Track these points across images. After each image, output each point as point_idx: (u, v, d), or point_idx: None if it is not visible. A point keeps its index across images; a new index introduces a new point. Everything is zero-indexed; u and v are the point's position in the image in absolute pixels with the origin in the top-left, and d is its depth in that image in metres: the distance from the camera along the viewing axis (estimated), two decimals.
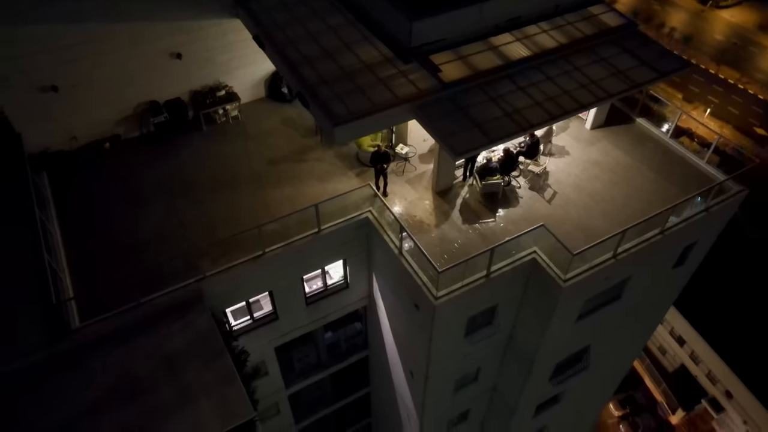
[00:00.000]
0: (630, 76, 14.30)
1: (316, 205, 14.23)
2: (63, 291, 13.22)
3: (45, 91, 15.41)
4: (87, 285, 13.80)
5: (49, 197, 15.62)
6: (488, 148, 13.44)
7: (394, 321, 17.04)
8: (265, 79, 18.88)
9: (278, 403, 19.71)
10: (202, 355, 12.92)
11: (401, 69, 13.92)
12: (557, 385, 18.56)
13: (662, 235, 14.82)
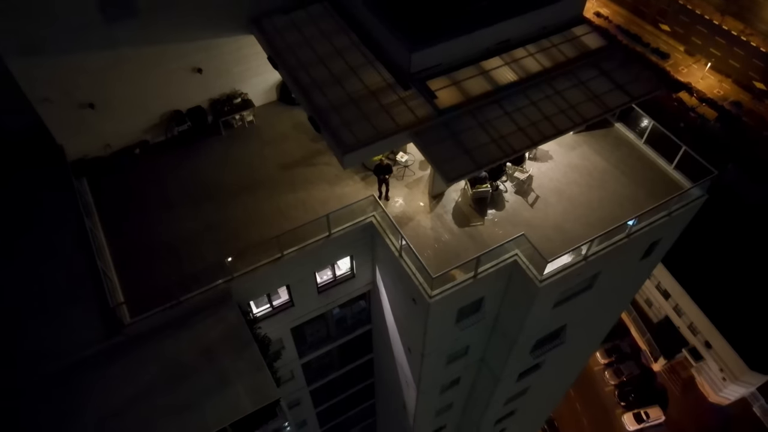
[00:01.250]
0: (604, 101, 16.12)
1: (327, 216, 16.41)
2: (113, 291, 15.58)
3: (83, 108, 17.26)
4: (132, 284, 16.15)
5: (91, 202, 17.75)
6: (476, 173, 15.44)
7: (394, 306, 19.55)
8: (276, 84, 20.57)
9: (292, 370, 22.52)
10: (234, 345, 15.46)
11: (401, 95, 15.73)
12: (537, 357, 21.30)
13: (628, 239, 17.05)
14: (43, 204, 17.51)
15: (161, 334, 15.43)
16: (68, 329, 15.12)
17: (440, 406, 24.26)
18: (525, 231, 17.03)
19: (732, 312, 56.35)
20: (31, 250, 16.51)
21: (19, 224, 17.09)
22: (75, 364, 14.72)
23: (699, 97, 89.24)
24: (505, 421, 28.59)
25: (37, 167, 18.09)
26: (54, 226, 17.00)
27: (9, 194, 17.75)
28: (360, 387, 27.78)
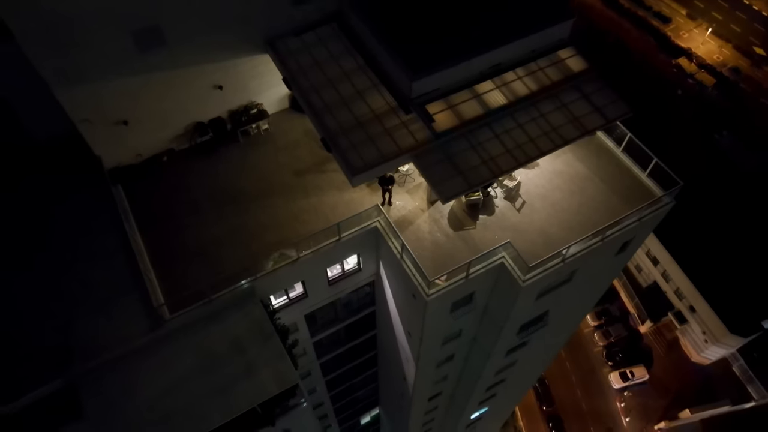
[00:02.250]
0: (583, 123, 18.14)
1: (338, 224, 18.71)
2: (154, 291, 18.02)
3: (118, 125, 19.26)
4: (169, 283, 18.57)
5: (128, 208, 19.99)
6: (469, 192, 17.61)
7: (395, 295, 22.07)
8: (288, 93, 22.42)
9: (305, 347, 25.27)
10: (259, 337, 18.04)
11: (403, 119, 17.74)
12: (523, 338, 24.01)
13: (602, 242, 19.38)
14: (87, 209, 19.76)
15: (196, 327, 17.98)
16: (118, 324, 17.64)
17: (437, 378, 27.20)
18: (512, 235, 19.40)
19: (716, 279, 59.27)
20: (80, 253, 18.86)
21: (68, 229, 19.38)
22: (126, 354, 17.33)
23: (698, 63, 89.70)
24: (495, 387, 31.66)
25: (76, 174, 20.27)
26: (99, 230, 19.30)
27: (55, 200, 19.98)
28: (364, 358, 30.69)
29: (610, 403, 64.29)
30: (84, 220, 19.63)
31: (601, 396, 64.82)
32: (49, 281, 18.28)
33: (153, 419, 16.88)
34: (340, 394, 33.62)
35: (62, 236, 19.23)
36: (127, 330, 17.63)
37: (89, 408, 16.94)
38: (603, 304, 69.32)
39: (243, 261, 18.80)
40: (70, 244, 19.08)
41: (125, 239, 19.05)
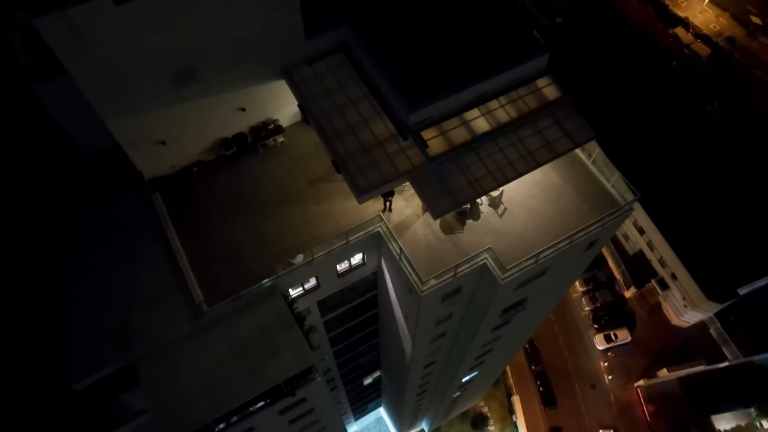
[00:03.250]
0: (555, 147, 21.31)
1: (346, 232, 22.17)
2: (193, 288, 21.61)
3: (157, 144, 22.44)
4: (205, 280, 22.15)
5: (166, 214, 23.37)
6: (457, 209, 20.94)
7: (394, 285, 25.72)
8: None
9: (316, 326, 29.11)
10: (281, 326, 21.76)
11: (401, 145, 20.91)
12: (505, 320, 27.83)
13: (570, 245, 22.87)
14: (133, 214, 23.17)
15: (230, 318, 21.69)
16: (165, 315, 21.34)
17: (431, 351, 31.22)
18: (494, 238, 22.89)
19: (697, 248, 63.05)
20: (130, 254, 22.38)
21: (118, 232, 22.84)
22: (173, 340, 21.09)
23: (695, 33, 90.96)
24: (483, 356, 35.83)
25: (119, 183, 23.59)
26: (144, 233, 22.77)
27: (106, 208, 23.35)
28: (367, 331, 34.66)
29: (594, 362, 69.23)
30: (131, 225, 23.06)
31: (586, 356, 69.70)
32: (107, 280, 21.86)
33: (198, 391, 20.81)
34: (345, 361, 37.82)
35: (114, 239, 22.70)
36: (172, 320, 21.35)
37: (144, 382, 20.84)
38: (591, 270, 73.40)
39: (266, 261, 22.35)
40: (121, 246, 22.57)
41: (166, 241, 22.57)
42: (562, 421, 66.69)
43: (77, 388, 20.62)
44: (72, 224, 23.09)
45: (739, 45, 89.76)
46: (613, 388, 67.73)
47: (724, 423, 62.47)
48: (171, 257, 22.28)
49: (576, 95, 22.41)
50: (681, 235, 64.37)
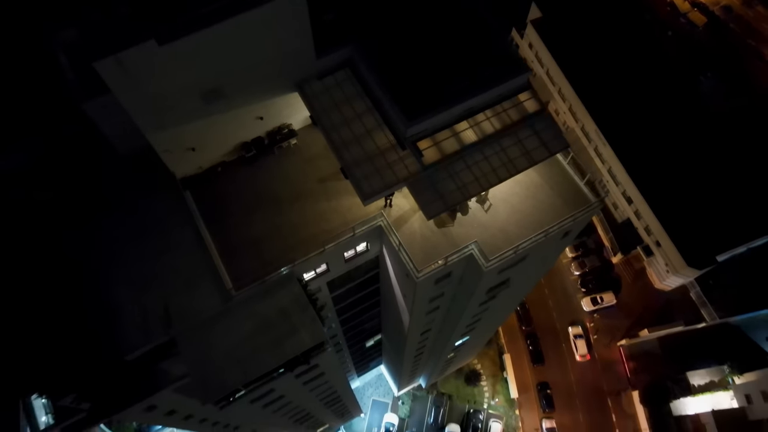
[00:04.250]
0: (532, 156, 24.69)
1: (353, 227, 25.80)
2: (223, 274, 25.41)
3: (187, 151, 25.80)
4: (232, 268, 25.90)
5: (195, 209, 26.95)
6: (448, 211, 24.49)
7: (393, 269, 29.53)
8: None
9: (326, 301, 33.12)
10: (298, 307, 25.68)
11: (400, 155, 24.29)
12: (490, 297, 31.81)
13: (545, 237, 26.54)
14: (167, 210, 26.75)
15: (254, 300, 25.58)
16: (200, 298, 25.24)
17: (426, 321, 35.38)
18: (480, 231, 26.54)
19: (680, 218, 66.66)
20: (167, 245, 26.08)
21: (156, 226, 26.46)
22: (207, 320, 25.06)
23: (691, 2, 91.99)
24: (473, 324, 40.08)
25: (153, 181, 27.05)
26: (178, 227, 26.42)
27: (146, 205, 26.89)
28: (369, 303, 38.75)
29: (581, 323, 74.02)
30: (167, 219, 26.67)
31: (573, 317, 74.46)
32: (151, 267, 25.65)
33: (228, 362, 24.94)
34: (350, 327, 42.11)
35: (155, 232, 26.35)
36: (206, 302, 25.26)
37: (185, 354, 24.92)
38: (581, 237, 77.36)
39: (283, 251, 26.09)
40: (161, 238, 26.25)
41: (198, 234, 26.26)
42: (548, 376, 72.01)
43: (129, 359, 24.75)
44: (121, 219, 26.66)
45: (735, 14, 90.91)
46: (597, 347, 72.77)
47: (698, 378, 67.56)
48: (202, 247, 26.02)
49: (570, 66, 24.99)
50: (666, 205, 67.81)
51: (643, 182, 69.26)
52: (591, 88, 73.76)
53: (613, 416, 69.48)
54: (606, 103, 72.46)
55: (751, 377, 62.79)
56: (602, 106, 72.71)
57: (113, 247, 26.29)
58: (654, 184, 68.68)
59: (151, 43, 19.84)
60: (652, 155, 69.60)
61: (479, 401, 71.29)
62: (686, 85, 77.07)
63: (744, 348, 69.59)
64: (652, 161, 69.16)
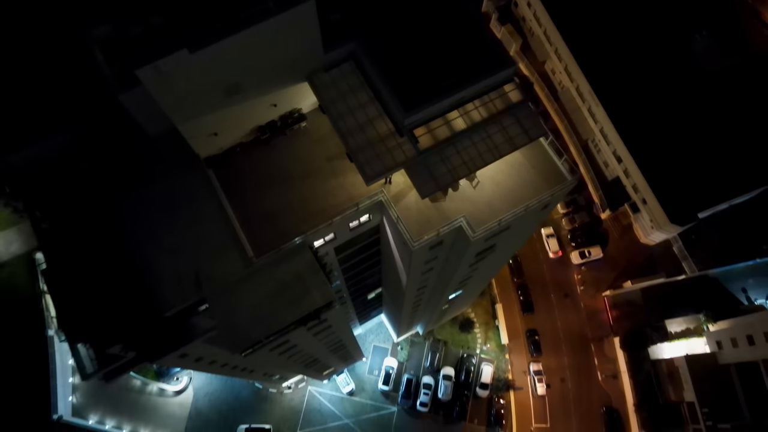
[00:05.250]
0: (514, 142, 28.13)
1: (357, 203, 29.55)
2: (244, 243, 29.36)
3: (210, 136, 29.25)
4: (252, 237, 29.82)
5: (218, 186, 30.61)
6: (439, 191, 28.13)
7: (392, 236, 33.47)
8: None
9: (332, 263, 37.27)
10: (310, 272, 29.79)
11: (398, 141, 27.74)
12: (478, 260, 35.93)
13: (525, 210, 30.33)
14: (194, 187, 30.39)
15: (273, 266, 29.65)
16: (225, 264, 29.28)
17: (422, 280, 39.69)
18: (469, 205, 30.32)
19: (666, 177, 70.18)
20: (195, 218, 29.90)
21: (184, 201, 30.18)
22: (232, 282, 29.21)
23: None
24: (465, 281, 44.46)
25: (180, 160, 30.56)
26: (204, 201, 30.14)
27: (172, 180, 30.51)
28: (371, 262, 42.95)
29: (569, 275, 78.89)
30: (193, 195, 30.37)
31: (562, 270, 79.22)
32: (182, 237, 29.54)
33: (252, 318, 29.28)
34: (353, 283, 46.52)
35: (184, 206, 30.09)
36: (230, 268, 29.32)
37: (214, 311, 29.22)
38: (572, 194, 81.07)
39: (296, 223, 29.95)
40: (189, 211, 30.02)
41: (221, 207, 30.04)
42: (537, 324, 77.44)
43: (168, 315, 29.05)
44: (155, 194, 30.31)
45: None
46: (583, 297, 77.87)
47: (676, 326, 72.93)
48: (226, 220, 29.87)
49: (567, 26, 26.93)
50: (653, 164, 71.17)
51: (633, 142, 72.35)
52: (586, 48, 75.66)
53: (595, 360, 75.32)
54: (600, 63, 74.56)
55: (723, 325, 67.96)
56: (597, 66, 74.83)
57: (150, 218, 30.07)
58: (643, 144, 71.78)
59: (184, 51, 22.99)
60: (642, 115, 72.36)
61: (472, 347, 76.99)
62: (680, 44, 78.40)
63: (720, 298, 74.62)
64: (642, 121, 72.00)
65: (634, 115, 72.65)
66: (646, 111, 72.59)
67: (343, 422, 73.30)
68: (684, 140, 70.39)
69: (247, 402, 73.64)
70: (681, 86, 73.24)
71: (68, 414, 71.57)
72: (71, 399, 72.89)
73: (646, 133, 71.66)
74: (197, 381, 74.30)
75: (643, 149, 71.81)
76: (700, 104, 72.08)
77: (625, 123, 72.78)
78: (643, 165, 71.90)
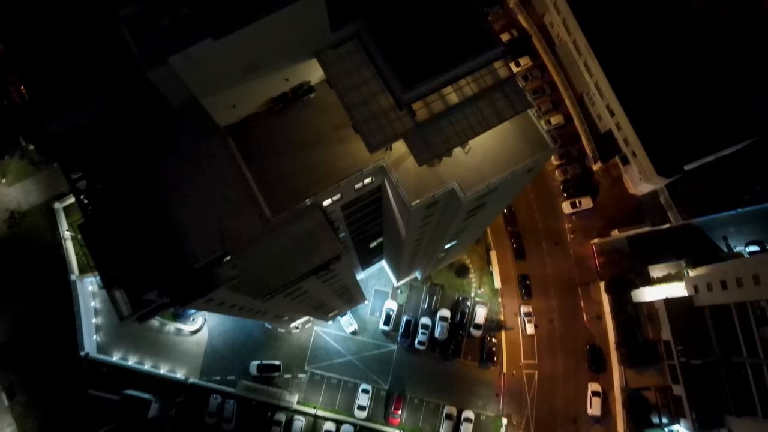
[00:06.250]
0: (501, 114, 31.52)
1: (361, 169, 33.26)
2: (261, 203, 33.26)
3: (230, 107, 32.60)
4: (269, 197, 33.66)
5: (237, 152, 34.19)
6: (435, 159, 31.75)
7: (392, 196, 37.34)
8: None
9: (339, 218, 41.29)
10: (320, 228, 33.85)
11: (398, 114, 31.12)
12: (470, 216, 39.98)
13: (512, 175, 34.07)
14: (216, 152, 33.96)
15: (287, 224, 33.67)
16: (245, 222, 33.29)
17: (419, 233, 43.86)
18: (461, 169, 34.05)
19: (655, 131, 73.17)
20: (217, 180, 33.63)
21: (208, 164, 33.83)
22: (253, 237, 33.31)
23: None
24: (458, 234, 48.67)
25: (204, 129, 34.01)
26: (225, 165, 33.80)
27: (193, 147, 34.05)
28: (373, 215, 47.00)
29: (560, 224, 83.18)
30: (215, 159, 33.99)
31: (554, 219, 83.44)
32: (207, 197, 33.35)
33: (269, 270, 33.60)
34: (357, 234, 50.76)
35: (208, 169, 33.77)
36: (250, 225, 33.35)
37: (236, 263, 33.50)
38: (566, 147, 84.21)
39: (308, 185, 33.77)
40: (213, 174, 33.72)
41: (240, 171, 33.75)
42: (529, 270, 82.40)
43: (197, 266, 33.32)
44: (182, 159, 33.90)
45: None
46: (573, 245, 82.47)
47: (658, 271, 77.71)
48: (245, 182, 33.64)
49: None
50: (643, 118, 74.02)
51: (626, 96, 74.90)
52: (584, 2, 76.93)
53: (581, 302, 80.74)
54: (597, 17, 76.04)
55: (701, 271, 72.67)
56: (594, 20, 76.35)
57: (177, 181, 33.80)
58: (635, 99, 74.36)
59: (209, 40, 26.14)
60: (636, 70, 74.54)
61: (467, 291, 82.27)
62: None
63: (702, 246, 78.99)
64: (635, 76, 74.28)
65: (628, 69, 74.79)
66: (640, 66, 74.69)
67: (347, 359, 79.58)
68: (673, 95, 72.92)
69: (258, 340, 79.63)
70: (674, 42, 74.98)
71: (94, 351, 77.88)
72: (95, 338, 78.96)
73: (638, 87, 74.07)
74: (211, 321, 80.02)
75: (635, 104, 74.45)
76: (690, 60, 74.11)
77: (619, 77, 75.05)
78: (634, 119, 74.72)
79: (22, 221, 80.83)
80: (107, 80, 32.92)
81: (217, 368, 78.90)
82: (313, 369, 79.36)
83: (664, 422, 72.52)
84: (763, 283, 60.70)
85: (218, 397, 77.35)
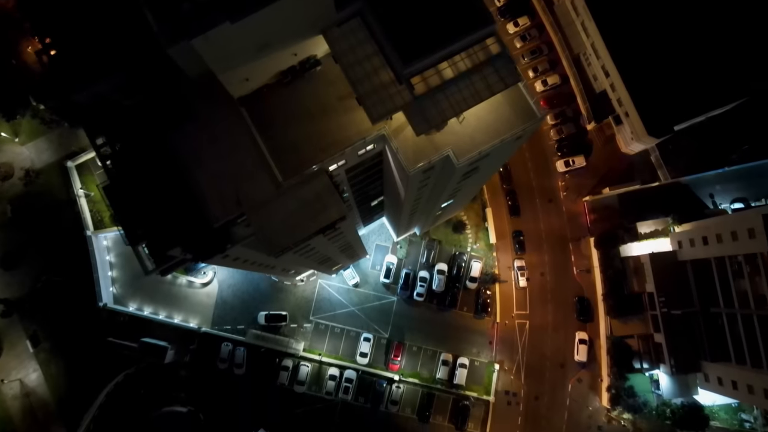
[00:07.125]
0: (492, 88, 34.40)
1: (364, 137, 36.39)
2: (274, 169, 36.56)
3: (243, 81, 35.46)
4: (280, 163, 36.92)
5: (250, 122, 37.23)
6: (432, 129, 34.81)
7: (392, 161, 40.58)
8: None
9: (343, 181, 44.61)
10: (327, 192, 37.29)
11: (398, 88, 34.04)
12: (465, 178, 43.32)
13: (502, 143, 37.23)
14: (232, 122, 37.02)
15: (297, 187, 37.07)
16: (259, 186, 36.69)
17: (418, 194, 47.32)
18: (455, 137, 37.22)
19: (647, 92, 75.48)
20: (233, 147, 36.82)
21: (224, 133, 36.95)
22: (266, 200, 36.78)
23: None
24: (454, 194, 52.09)
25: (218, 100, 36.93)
26: (240, 133, 36.92)
27: (210, 116, 37.07)
28: (374, 178, 50.32)
29: (554, 182, 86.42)
30: (230, 128, 37.07)
31: (548, 177, 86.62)
32: (223, 162, 36.63)
33: (282, 228, 37.24)
34: (360, 193, 54.19)
35: (223, 137, 36.93)
36: (263, 188, 36.76)
37: (252, 223, 37.10)
38: (561, 106, 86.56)
39: (315, 152, 36.99)
40: (227, 142, 36.91)
41: (253, 138, 36.90)
42: (523, 226, 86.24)
43: (216, 226, 36.94)
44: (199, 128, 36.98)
45: None
46: (565, 202, 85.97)
47: (646, 227, 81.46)
48: (258, 149, 36.86)
49: None
50: (636, 79, 76.23)
51: (620, 57, 76.87)
52: None
53: (572, 257, 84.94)
54: None
55: (686, 227, 76.52)
56: None
57: (195, 147, 37.00)
58: (629, 60, 76.36)
59: (227, 23, 28.88)
60: (630, 31, 76.19)
61: (464, 246, 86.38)
62: None
63: (689, 203, 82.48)
64: (630, 37, 75.99)
65: (624, 31, 76.44)
66: (635, 28, 76.28)
67: (349, 309, 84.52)
68: (666, 57, 74.84)
69: (265, 293, 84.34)
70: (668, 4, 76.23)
71: (111, 302, 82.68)
72: (112, 290, 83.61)
73: (632, 49, 75.94)
74: (221, 275, 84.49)
75: (629, 65, 76.50)
76: (683, 22, 75.52)
77: (614, 38, 76.79)
78: (627, 80, 76.94)
79: (36, 179, 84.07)
80: (127, 54, 35.67)
81: (227, 318, 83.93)
82: (318, 319, 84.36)
83: (645, 367, 77.91)
84: (741, 239, 64.54)
85: (229, 345, 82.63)
